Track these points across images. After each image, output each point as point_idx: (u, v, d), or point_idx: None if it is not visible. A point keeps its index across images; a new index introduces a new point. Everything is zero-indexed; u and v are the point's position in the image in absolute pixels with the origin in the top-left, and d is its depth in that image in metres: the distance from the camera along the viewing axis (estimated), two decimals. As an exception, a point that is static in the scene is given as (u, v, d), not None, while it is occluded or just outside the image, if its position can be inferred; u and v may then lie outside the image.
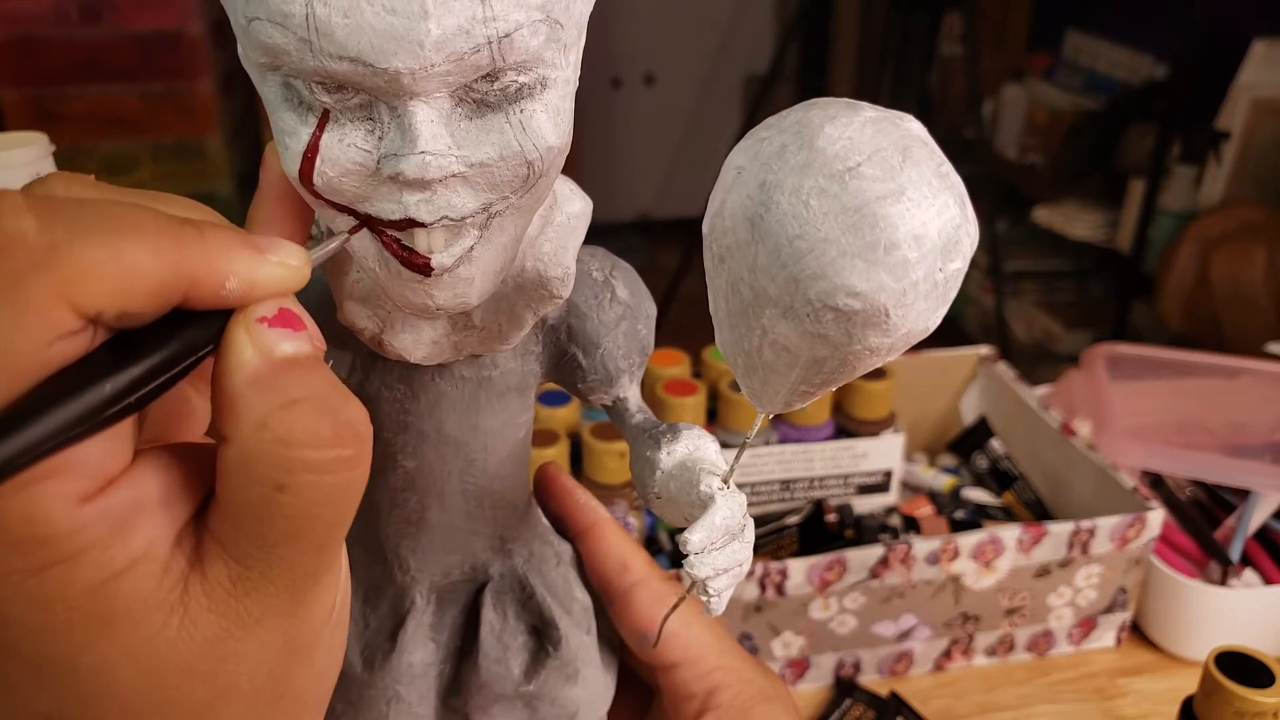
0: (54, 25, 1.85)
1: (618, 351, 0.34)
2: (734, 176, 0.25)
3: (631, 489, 0.61)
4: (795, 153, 0.23)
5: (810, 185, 0.23)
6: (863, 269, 0.22)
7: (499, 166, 0.25)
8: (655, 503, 0.33)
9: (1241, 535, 0.65)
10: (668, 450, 0.32)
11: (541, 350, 0.34)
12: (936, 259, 0.23)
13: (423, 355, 0.31)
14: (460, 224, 0.26)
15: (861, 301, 0.23)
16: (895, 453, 0.67)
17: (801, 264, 0.23)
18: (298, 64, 0.23)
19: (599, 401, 0.35)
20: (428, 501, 0.34)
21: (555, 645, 0.36)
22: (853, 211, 0.22)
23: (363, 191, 0.25)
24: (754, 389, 0.28)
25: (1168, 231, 1.81)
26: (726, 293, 0.26)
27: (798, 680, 0.60)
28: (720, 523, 0.29)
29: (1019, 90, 2.19)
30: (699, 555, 0.29)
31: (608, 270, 0.34)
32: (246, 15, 0.23)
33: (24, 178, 0.51)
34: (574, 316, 0.33)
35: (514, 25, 0.23)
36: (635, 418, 0.35)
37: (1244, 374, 0.76)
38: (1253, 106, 1.69)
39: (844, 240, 0.22)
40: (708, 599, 0.29)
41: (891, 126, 0.23)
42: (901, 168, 0.23)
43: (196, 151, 2.00)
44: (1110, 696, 0.60)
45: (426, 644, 0.36)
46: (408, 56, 0.23)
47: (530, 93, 0.25)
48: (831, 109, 0.24)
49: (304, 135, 0.25)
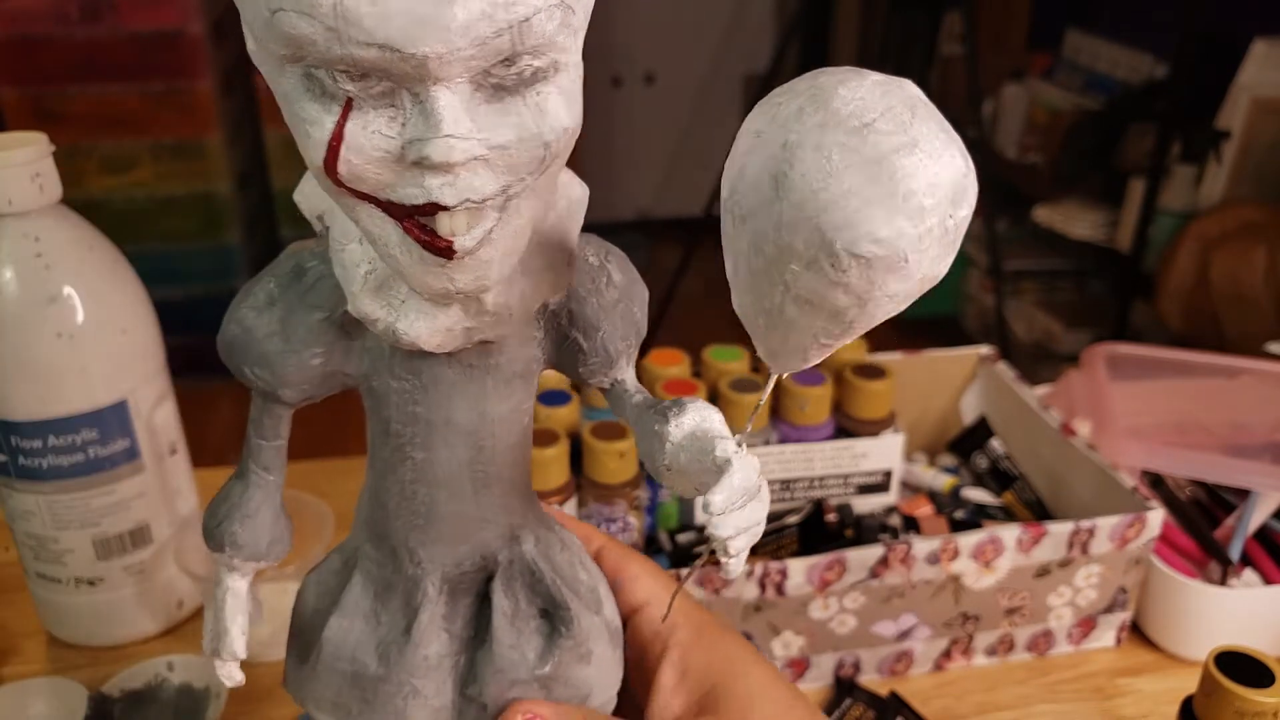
0: (54, 25, 1.85)
1: (615, 333, 0.35)
2: (753, 140, 0.26)
3: (631, 489, 0.61)
4: (813, 113, 0.25)
5: (831, 141, 0.24)
6: (883, 216, 0.24)
7: (517, 148, 0.26)
8: (665, 475, 0.34)
9: (1241, 535, 0.65)
10: (676, 423, 0.33)
11: (544, 336, 0.35)
12: (948, 206, 0.25)
13: (437, 343, 0.31)
14: (481, 206, 0.26)
15: (883, 247, 0.24)
16: (895, 453, 0.67)
17: (827, 215, 0.24)
18: (324, 53, 0.24)
19: (598, 384, 0.36)
20: (437, 493, 0.35)
21: (567, 626, 0.36)
22: (872, 163, 0.24)
23: (386, 178, 0.26)
24: (773, 348, 0.29)
25: (1168, 231, 1.81)
26: (748, 254, 0.27)
27: (798, 680, 0.60)
28: (739, 484, 0.30)
29: (1019, 90, 2.19)
30: (721, 516, 0.30)
31: (603, 255, 0.35)
32: (270, 7, 0.23)
33: (24, 177, 0.52)
34: (574, 301, 0.34)
35: (532, 10, 0.24)
36: (635, 397, 0.36)
37: (1244, 374, 0.76)
38: (1253, 106, 1.69)
39: (866, 190, 0.24)
40: (727, 559, 0.31)
41: (897, 87, 0.25)
42: (912, 123, 0.24)
43: (196, 151, 2.00)
44: (1110, 696, 0.60)
45: (440, 635, 0.36)
46: (435, 41, 0.23)
47: (545, 76, 0.26)
48: (840, 74, 0.25)
49: (328, 124, 0.25)
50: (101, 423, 0.55)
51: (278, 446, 0.35)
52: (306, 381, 0.33)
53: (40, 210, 0.52)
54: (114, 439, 0.56)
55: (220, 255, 2.09)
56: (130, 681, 0.56)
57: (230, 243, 2.09)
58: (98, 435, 0.55)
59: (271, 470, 0.36)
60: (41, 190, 0.52)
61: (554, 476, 0.60)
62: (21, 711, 0.54)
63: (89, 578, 0.59)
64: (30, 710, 0.54)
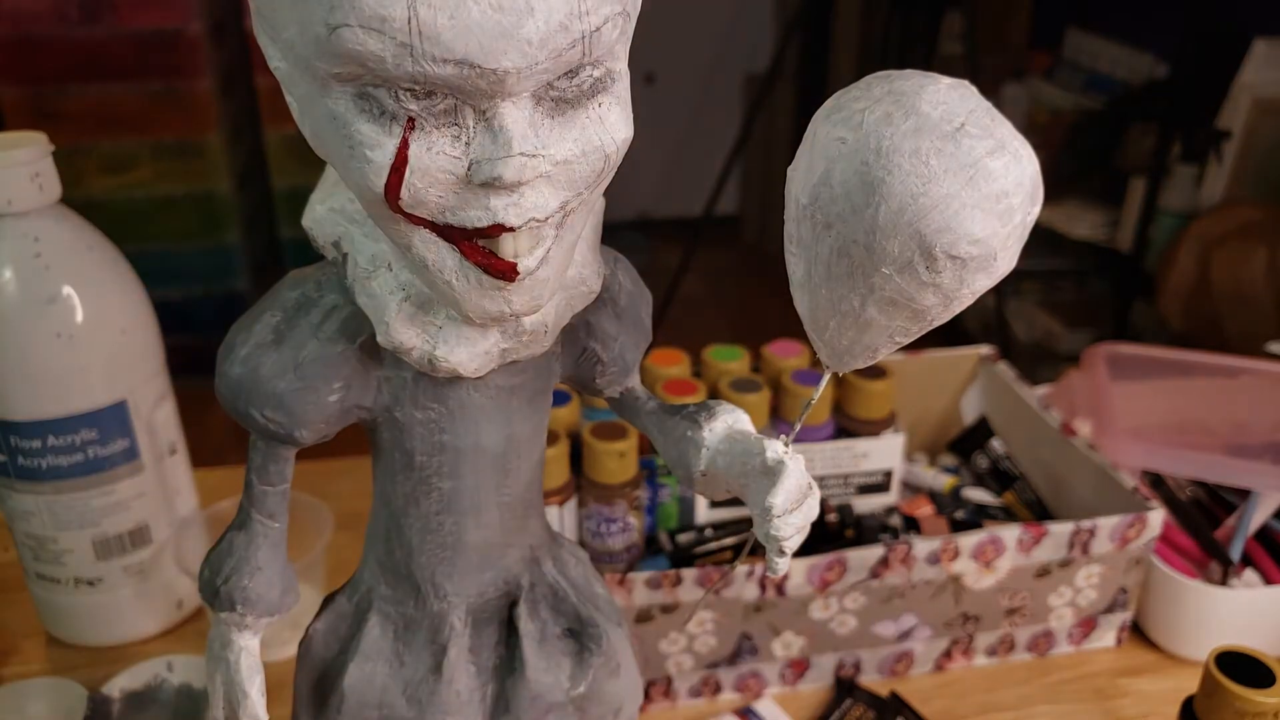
0: (54, 24, 1.85)
1: (630, 342, 0.34)
2: (837, 146, 0.26)
3: (632, 489, 0.61)
4: (903, 119, 0.25)
5: (928, 146, 0.25)
6: (981, 218, 0.25)
7: (580, 163, 0.25)
8: (699, 480, 0.33)
9: (1242, 535, 0.65)
10: (709, 428, 0.33)
11: (562, 349, 0.34)
12: (1029, 205, 0.26)
13: (475, 368, 0.30)
14: (543, 224, 0.26)
15: (979, 248, 0.25)
16: (895, 453, 0.67)
17: (926, 219, 0.25)
18: (392, 70, 0.22)
19: (612, 394, 0.35)
20: (464, 521, 0.34)
21: (597, 643, 0.36)
22: (969, 167, 0.25)
23: (448, 201, 0.25)
24: (839, 348, 0.30)
25: (1168, 231, 1.81)
26: (829, 259, 0.27)
27: (798, 680, 0.60)
28: (794, 484, 0.30)
29: (1019, 90, 2.19)
30: (781, 518, 0.30)
31: (613, 264, 0.34)
32: (329, 23, 0.22)
33: (24, 177, 0.52)
34: (589, 312, 0.33)
35: (603, 19, 0.23)
36: (649, 404, 0.35)
37: (1244, 374, 0.76)
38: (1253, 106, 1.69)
39: (964, 194, 0.25)
40: (780, 559, 0.31)
41: (969, 91, 0.26)
42: (994, 125, 0.25)
43: (196, 151, 2.00)
44: (1110, 696, 0.60)
45: (469, 668, 0.35)
46: (516, 55, 0.22)
47: (604, 86, 0.25)
48: (913, 79, 0.26)
49: (389, 147, 0.24)
50: (101, 423, 0.55)
51: (283, 491, 0.33)
52: (324, 420, 0.31)
53: (40, 210, 0.52)
54: (113, 439, 0.56)
55: (220, 255, 2.09)
56: (130, 682, 0.55)
57: (230, 243, 2.09)
58: (97, 435, 0.55)
59: (276, 517, 0.34)
60: (41, 190, 0.52)
61: (554, 476, 0.60)
62: (21, 712, 0.54)
63: (88, 578, 0.59)
64: (29, 710, 0.54)
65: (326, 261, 0.31)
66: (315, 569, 0.60)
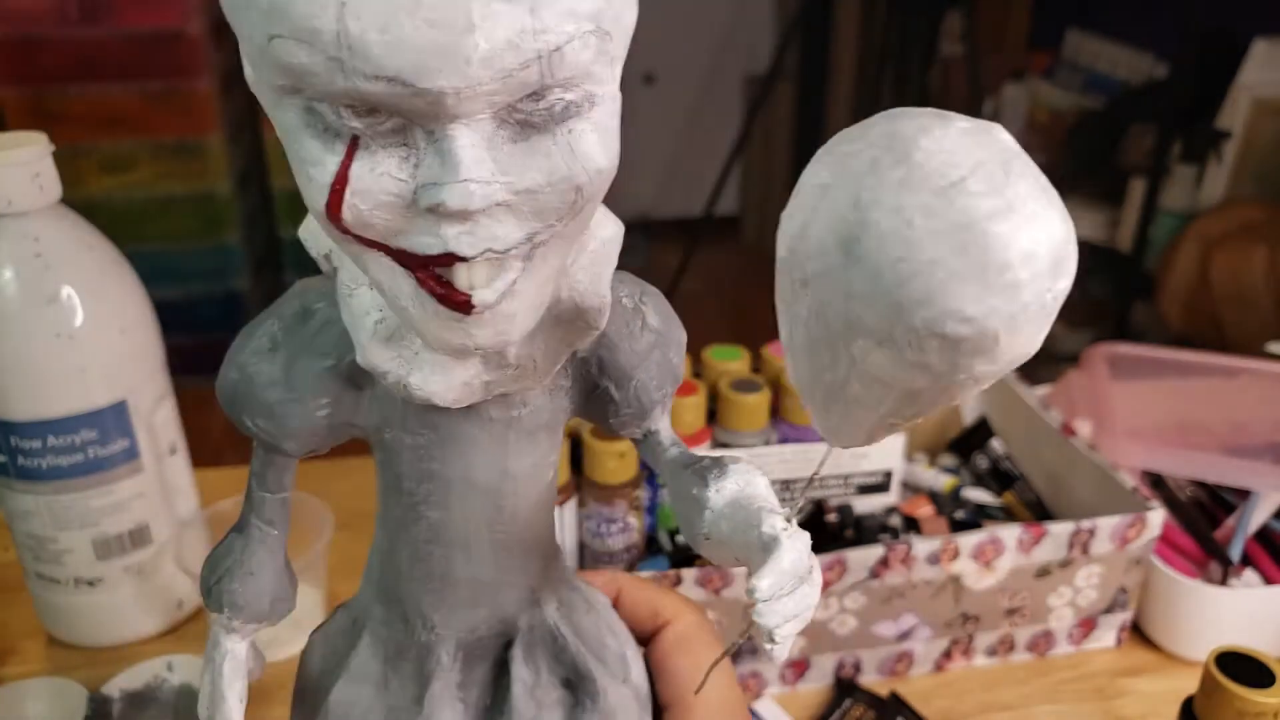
0: (54, 25, 1.85)
1: (650, 383, 0.32)
2: (817, 194, 0.23)
3: (632, 489, 0.61)
4: (891, 167, 0.21)
5: (913, 203, 0.21)
6: (974, 293, 0.21)
7: (546, 192, 0.23)
8: (704, 544, 0.31)
9: (1242, 535, 0.65)
10: (716, 488, 0.30)
11: (571, 385, 0.32)
12: (1046, 279, 0.21)
13: (453, 398, 0.28)
14: (504, 256, 0.23)
15: (972, 328, 0.21)
16: (895, 453, 0.67)
17: (906, 289, 0.21)
18: (325, 86, 0.21)
19: (629, 435, 0.33)
20: (453, 554, 0.32)
21: (593, 699, 0.34)
22: (961, 230, 0.20)
23: (396, 225, 0.23)
24: (832, 425, 0.26)
25: (1168, 231, 1.81)
26: (808, 321, 0.24)
27: (798, 680, 0.60)
28: (788, 567, 0.27)
29: (1019, 90, 2.20)
30: (767, 603, 0.26)
31: (637, 297, 0.32)
32: (267, 33, 0.21)
33: (24, 177, 0.52)
34: (604, 348, 0.31)
35: (565, 37, 0.21)
36: (670, 452, 0.33)
37: (1244, 374, 0.76)
38: (1253, 106, 1.69)
39: (953, 262, 0.21)
40: (772, 646, 0.27)
41: (988, 138, 0.22)
42: (1007, 182, 0.21)
43: (196, 151, 2.00)
44: (1110, 696, 0.60)
45: (454, 705, 0.33)
46: (453, 74, 0.20)
47: (578, 111, 0.23)
48: (921, 119, 0.22)
49: (330, 165, 0.22)
50: (101, 423, 0.55)
51: (282, 499, 0.33)
52: (312, 434, 0.30)
53: (40, 210, 0.52)
54: (113, 439, 0.56)
55: (220, 255, 2.09)
56: (130, 682, 0.55)
57: (230, 243, 2.09)
58: (97, 435, 0.55)
59: (275, 524, 0.33)
60: (41, 190, 0.52)
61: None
62: (21, 712, 0.54)
63: (88, 578, 0.59)
64: (29, 710, 0.54)
65: (330, 274, 0.30)
66: (315, 569, 0.60)
